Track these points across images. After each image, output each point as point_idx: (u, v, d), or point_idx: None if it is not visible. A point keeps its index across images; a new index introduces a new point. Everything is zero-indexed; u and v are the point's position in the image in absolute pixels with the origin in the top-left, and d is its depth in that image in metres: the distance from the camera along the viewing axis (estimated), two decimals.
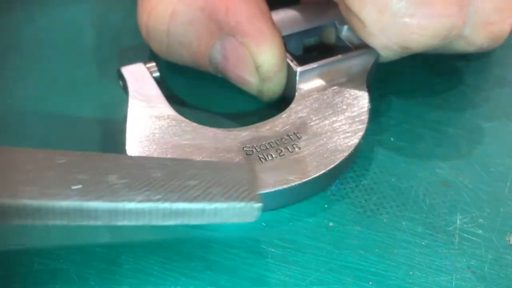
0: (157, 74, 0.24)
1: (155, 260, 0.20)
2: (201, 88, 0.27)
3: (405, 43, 0.23)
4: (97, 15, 0.31)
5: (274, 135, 0.23)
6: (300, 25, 0.26)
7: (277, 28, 0.24)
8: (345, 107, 0.24)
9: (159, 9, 0.25)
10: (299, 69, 0.24)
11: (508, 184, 0.23)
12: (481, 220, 0.22)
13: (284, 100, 0.25)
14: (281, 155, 0.22)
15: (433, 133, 0.25)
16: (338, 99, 0.24)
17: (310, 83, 0.24)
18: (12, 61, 0.28)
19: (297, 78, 0.24)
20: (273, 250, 0.20)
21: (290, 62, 0.24)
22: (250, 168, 0.20)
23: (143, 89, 0.24)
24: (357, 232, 0.21)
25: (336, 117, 0.23)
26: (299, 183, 0.21)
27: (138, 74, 0.24)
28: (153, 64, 0.25)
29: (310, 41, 0.27)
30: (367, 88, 0.25)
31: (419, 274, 0.20)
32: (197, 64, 0.25)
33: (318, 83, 0.25)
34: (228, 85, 0.25)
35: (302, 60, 0.25)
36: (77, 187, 0.17)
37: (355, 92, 0.24)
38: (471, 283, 0.20)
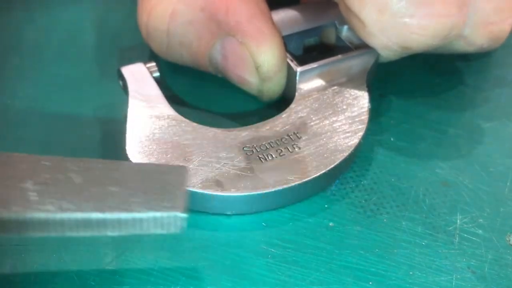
0: (157, 74, 0.24)
1: (155, 260, 0.20)
2: (201, 88, 0.27)
3: (405, 43, 0.23)
4: (97, 15, 0.31)
5: (274, 135, 0.23)
6: (300, 25, 0.26)
7: (277, 28, 0.24)
8: (345, 107, 0.24)
9: (159, 9, 0.25)
10: (299, 69, 0.24)
11: (508, 184, 0.23)
12: (481, 220, 0.22)
13: (284, 100, 0.25)
14: (281, 155, 0.22)
15: (433, 133, 0.25)
16: (338, 99, 0.24)
17: (310, 83, 0.24)
18: (12, 61, 0.28)
19: (297, 78, 0.24)
20: (273, 250, 0.20)
21: (290, 62, 0.24)
22: (181, 172, 0.18)
23: (143, 89, 0.24)
24: (357, 232, 0.21)
25: (336, 117, 0.23)
26: (299, 183, 0.21)
27: (138, 74, 0.24)
28: (153, 64, 0.25)
29: (310, 41, 0.27)
30: (367, 88, 0.25)
31: (419, 274, 0.20)
32: (197, 64, 0.25)
33: (318, 83, 0.25)
34: (228, 85, 0.25)
35: (302, 60, 0.25)
36: None
37: (355, 92, 0.24)
38: (471, 283, 0.20)
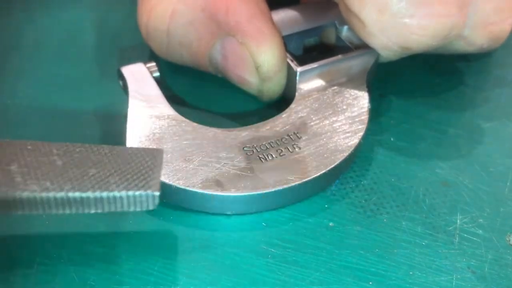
0: (157, 74, 0.24)
1: (155, 260, 0.20)
2: (201, 88, 0.27)
3: (405, 43, 0.23)
4: (97, 15, 0.31)
5: (274, 135, 0.23)
6: (300, 25, 0.26)
7: (277, 28, 0.24)
8: (345, 107, 0.24)
9: (159, 9, 0.25)
10: (299, 69, 0.24)
11: (508, 184, 0.23)
12: (481, 220, 0.22)
13: (284, 100, 0.25)
14: (281, 155, 0.22)
15: (433, 133, 0.25)
16: (338, 99, 0.24)
17: (310, 83, 0.24)
18: (12, 61, 0.28)
19: (297, 78, 0.24)
20: (273, 250, 0.20)
21: (290, 62, 0.24)
22: (156, 154, 0.19)
23: (143, 89, 0.24)
24: (357, 232, 0.21)
25: (336, 117, 0.23)
26: (299, 183, 0.21)
27: (138, 74, 0.24)
28: (153, 64, 0.25)
29: (310, 41, 0.27)
30: (367, 88, 0.25)
31: (419, 274, 0.20)
32: (197, 64, 0.25)
33: (318, 83, 0.25)
34: (228, 85, 0.25)
35: (302, 60, 0.25)
36: None
37: (355, 92, 0.24)
38: (471, 283, 0.20)
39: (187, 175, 0.21)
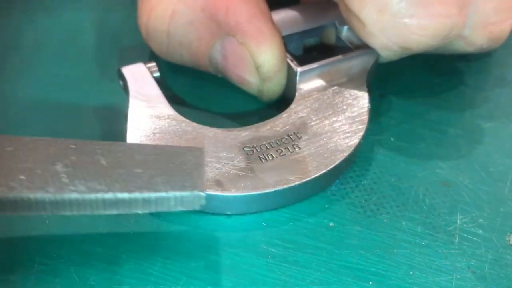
0: (157, 74, 0.24)
1: (155, 260, 0.20)
2: (201, 88, 0.27)
3: (405, 44, 0.23)
4: (97, 15, 0.31)
5: (274, 135, 0.23)
6: (300, 25, 0.26)
7: (277, 28, 0.24)
8: (345, 107, 0.24)
9: (159, 9, 0.25)
10: (299, 69, 0.24)
11: (508, 184, 0.23)
12: (481, 220, 0.22)
13: (284, 100, 0.25)
14: (281, 155, 0.22)
15: (433, 133, 0.25)
16: (338, 99, 0.24)
17: (310, 83, 0.24)
18: (12, 61, 0.28)
19: (297, 78, 0.24)
20: (273, 250, 0.20)
21: (290, 62, 0.24)
22: (198, 153, 0.19)
23: (143, 89, 0.24)
24: (357, 232, 0.21)
25: (336, 117, 0.23)
26: (299, 183, 0.21)
27: (138, 74, 0.24)
28: (154, 64, 0.25)
29: (310, 41, 0.27)
30: (367, 88, 0.25)
31: (419, 274, 0.20)
32: (197, 64, 0.25)
33: (318, 83, 0.25)
34: (228, 85, 0.25)
35: (302, 60, 0.25)
36: (22, 177, 0.17)
37: (355, 92, 0.24)
38: (471, 283, 0.20)
39: None
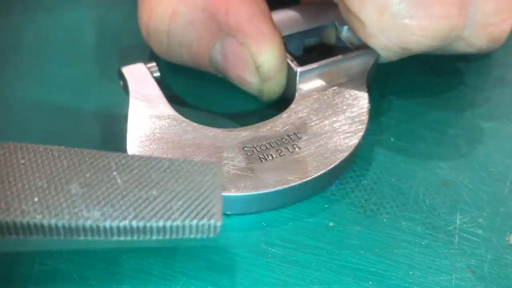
0: (157, 74, 0.24)
1: (155, 260, 0.20)
2: (201, 88, 0.27)
3: (405, 44, 0.23)
4: (97, 15, 0.31)
5: (274, 135, 0.23)
6: (300, 25, 0.26)
7: (277, 28, 0.24)
8: (345, 107, 0.24)
9: (159, 9, 0.25)
10: (299, 69, 0.24)
11: (508, 184, 0.23)
12: (481, 220, 0.22)
13: (284, 100, 0.25)
14: (281, 155, 0.22)
15: (433, 133, 0.25)
16: (338, 100, 0.24)
17: (310, 83, 0.24)
18: (12, 61, 0.28)
19: (297, 78, 0.24)
20: (273, 250, 0.20)
21: (290, 62, 0.24)
22: (216, 171, 0.19)
23: (143, 89, 0.24)
24: (357, 232, 0.21)
25: (336, 117, 0.23)
26: (299, 183, 0.21)
27: (138, 74, 0.24)
28: (154, 64, 0.25)
29: (310, 41, 0.27)
30: (367, 88, 0.25)
31: (419, 274, 0.20)
32: (197, 64, 0.25)
33: (318, 83, 0.25)
34: (228, 85, 0.25)
35: (302, 60, 0.25)
36: (36, 200, 0.17)
37: (355, 92, 0.24)
38: (471, 283, 0.20)
39: None
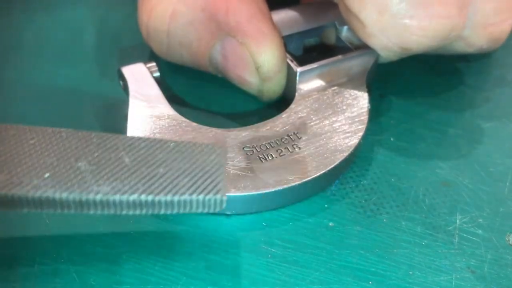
0: (157, 74, 0.24)
1: (155, 260, 0.20)
2: (201, 88, 0.27)
3: (405, 44, 0.23)
4: (97, 15, 0.31)
5: (274, 135, 0.23)
6: (300, 25, 0.26)
7: (277, 28, 0.24)
8: (345, 107, 0.24)
9: (159, 9, 0.25)
10: (299, 70, 0.24)
11: (508, 184, 0.23)
12: (481, 220, 0.22)
13: (284, 100, 0.25)
14: (281, 155, 0.22)
15: (433, 133, 0.25)
16: (338, 100, 0.24)
17: (310, 83, 0.24)
18: (12, 61, 0.28)
19: (297, 78, 0.24)
20: (273, 250, 0.20)
21: (290, 62, 0.24)
22: (220, 152, 0.19)
23: (143, 89, 0.24)
24: (357, 232, 0.21)
25: (336, 117, 0.23)
26: (299, 183, 0.21)
27: (138, 74, 0.24)
28: (154, 64, 0.25)
29: (310, 41, 0.27)
30: (367, 88, 0.25)
31: (419, 274, 0.20)
32: (197, 64, 0.25)
33: (318, 83, 0.25)
34: (228, 85, 0.25)
35: (302, 60, 0.25)
36: (47, 175, 0.17)
37: (355, 92, 0.24)
38: (471, 283, 0.20)
39: None
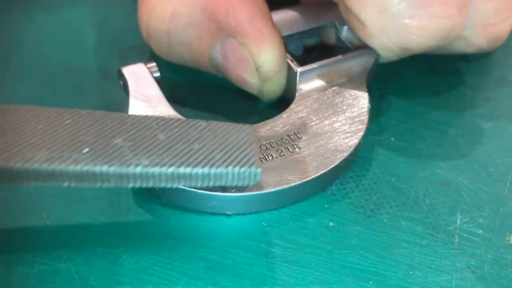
0: (157, 74, 0.24)
1: (155, 260, 0.20)
2: (201, 88, 0.27)
3: (405, 44, 0.23)
4: (97, 15, 0.31)
5: (274, 135, 0.23)
6: (300, 25, 0.26)
7: (277, 28, 0.24)
8: (345, 107, 0.24)
9: (159, 9, 0.25)
10: (299, 70, 0.24)
11: (508, 184, 0.23)
12: (481, 220, 0.22)
13: (284, 100, 0.25)
14: (281, 155, 0.22)
15: (433, 133, 0.25)
16: (338, 100, 0.24)
17: (310, 83, 0.24)
18: (12, 61, 0.28)
19: (297, 78, 0.24)
20: (273, 250, 0.20)
21: (290, 62, 0.24)
22: (249, 131, 0.20)
23: (143, 89, 0.24)
24: (357, 232, 0.21)
25: (336, 117, 0.23)
26: (299, 183, 0.21)
27: (138, 74, 0.24)
28: (154, 64, 0.25)
29: (310, 41, 0.27)
30: (367, 88, 0.25)
31: (419, 274, 0.20)
32: (197, 64, 0.25)
33: (318, 83, 0.25)
34: (228, 85, 0.25)
35: (302, 60, 0.25)
36: (86, 150, 0.18)
37: (355, 92, 0.24)
38: (471, 283, 0.20)
39: None
